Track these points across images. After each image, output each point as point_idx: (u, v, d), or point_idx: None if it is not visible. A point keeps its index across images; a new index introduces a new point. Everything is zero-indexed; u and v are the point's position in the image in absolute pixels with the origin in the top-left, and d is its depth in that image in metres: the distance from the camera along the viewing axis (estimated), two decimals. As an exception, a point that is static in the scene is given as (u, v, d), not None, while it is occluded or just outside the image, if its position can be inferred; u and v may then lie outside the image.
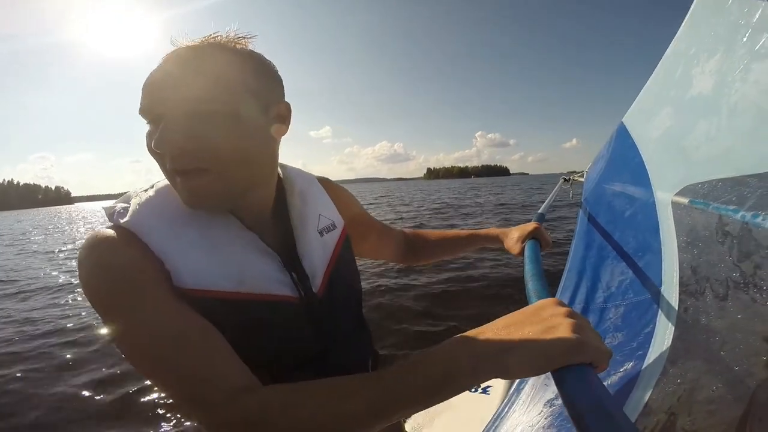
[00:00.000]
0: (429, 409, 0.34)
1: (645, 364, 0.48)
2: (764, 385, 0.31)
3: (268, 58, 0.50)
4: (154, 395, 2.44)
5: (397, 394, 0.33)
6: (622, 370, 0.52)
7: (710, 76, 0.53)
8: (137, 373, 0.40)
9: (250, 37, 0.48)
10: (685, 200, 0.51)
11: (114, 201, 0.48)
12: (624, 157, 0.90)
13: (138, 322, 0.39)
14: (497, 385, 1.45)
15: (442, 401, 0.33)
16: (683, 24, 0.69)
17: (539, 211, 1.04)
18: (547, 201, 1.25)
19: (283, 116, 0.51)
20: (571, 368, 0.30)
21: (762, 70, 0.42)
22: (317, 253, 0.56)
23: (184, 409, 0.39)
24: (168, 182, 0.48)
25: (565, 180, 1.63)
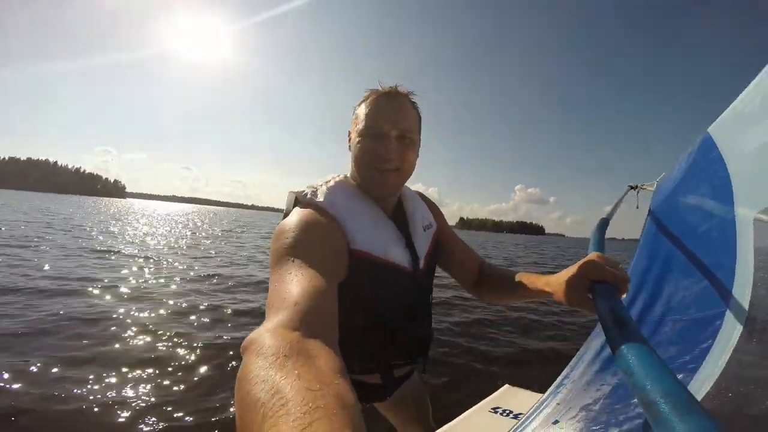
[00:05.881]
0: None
1: (695, 378, 0.48)
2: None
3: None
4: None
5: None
6: None
7: None
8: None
9: (416, 94, 0.77)
10: None
11: (304, 187, 0.73)
12: (706, 170, 0.84)
13: (294, 249, 0.54)
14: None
15: None
16: None
17: (603, 217, 1.00)
18: (611, 208, 1.20)
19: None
20: (600, 284, 0.50)
21: None
22: (422, 241, 0.81)
23: None
24: (338, 179, 0.75)
25: (631, 188, 1.53)
